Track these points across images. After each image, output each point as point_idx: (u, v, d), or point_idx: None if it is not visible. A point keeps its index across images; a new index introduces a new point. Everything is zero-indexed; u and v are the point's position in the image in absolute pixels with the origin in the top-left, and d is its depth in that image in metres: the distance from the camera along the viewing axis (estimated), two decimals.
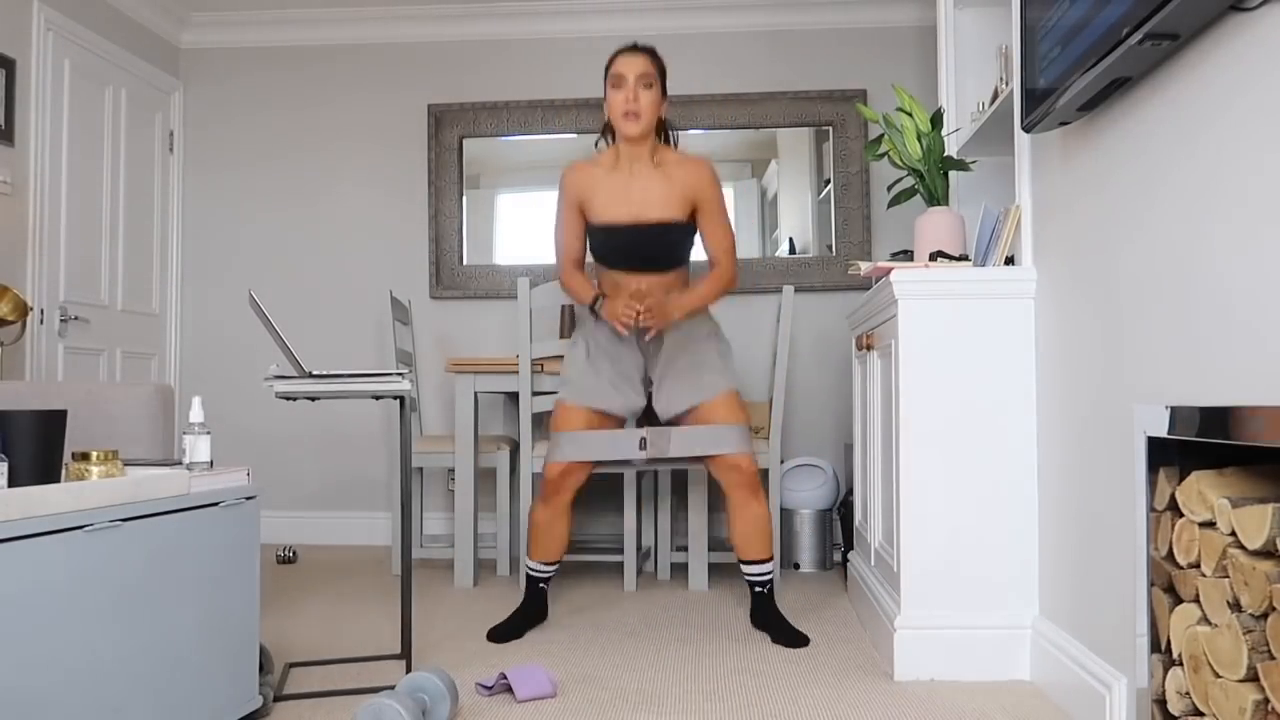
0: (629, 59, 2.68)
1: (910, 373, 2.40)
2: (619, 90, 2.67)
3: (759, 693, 2.26)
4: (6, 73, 3.58)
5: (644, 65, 2.68)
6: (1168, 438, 1.42)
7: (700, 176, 2.75)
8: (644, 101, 2.66)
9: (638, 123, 2.67)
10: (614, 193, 2.74)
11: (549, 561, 2.88)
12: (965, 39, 3.03)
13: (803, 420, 4.38)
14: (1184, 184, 1.63)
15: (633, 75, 2.66)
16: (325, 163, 4.61)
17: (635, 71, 2.66)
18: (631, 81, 2.66)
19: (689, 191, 2.75)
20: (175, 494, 1.76)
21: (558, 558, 2.89)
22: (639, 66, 2.67)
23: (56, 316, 3.81)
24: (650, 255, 2.76)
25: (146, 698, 1.65)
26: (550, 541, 2.85)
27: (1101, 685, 1.89)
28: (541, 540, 2.85)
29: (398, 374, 2.25)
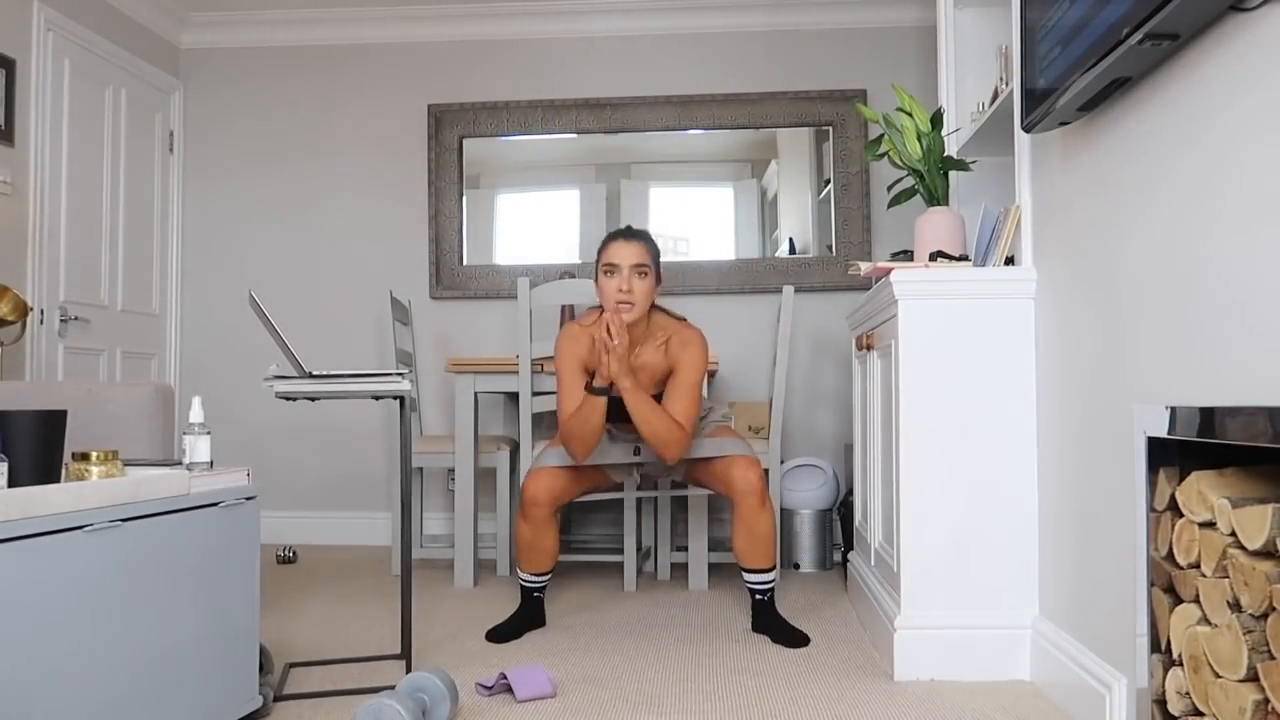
0: (624, 247, 2.65)
1: (910, 373, 2.40)
2: (611, 278, 2.64)
3: (759, 693, 2.26)
4: (6, 73, 3.58)
5: (639, 254, 2.64)
6: (1168, 438, 1.42)
7: (690, 355, 2.70)
8: (638, 291, 2.63)
9: (631, 311, 2.64)
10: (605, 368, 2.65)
11: (540, 572, 2.88)
12: (965, 39, 3.03)
13: (803, 420, 4.38)
14: (1184, 184, 1.63)
15: (628, 265, 2.63)
16: (325, 163, 4.61)
17: (630, 261, 2.63)
18: (626, 270, 2.63)
19: (672, 358, 2.73)
20: (175, 494, 1.76)
21: (548, 568, 2.88)
22: (633, 256, 2.63)
23: (56, 316, 3.81)
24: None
25: (146, 698, 1.65)
26: (538, 555, 2.84)
27: (1101, 685, 1.89)
28: (529, 554, 2.85)
29: (398, 374, 2.25)
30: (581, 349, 2.73)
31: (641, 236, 2.69)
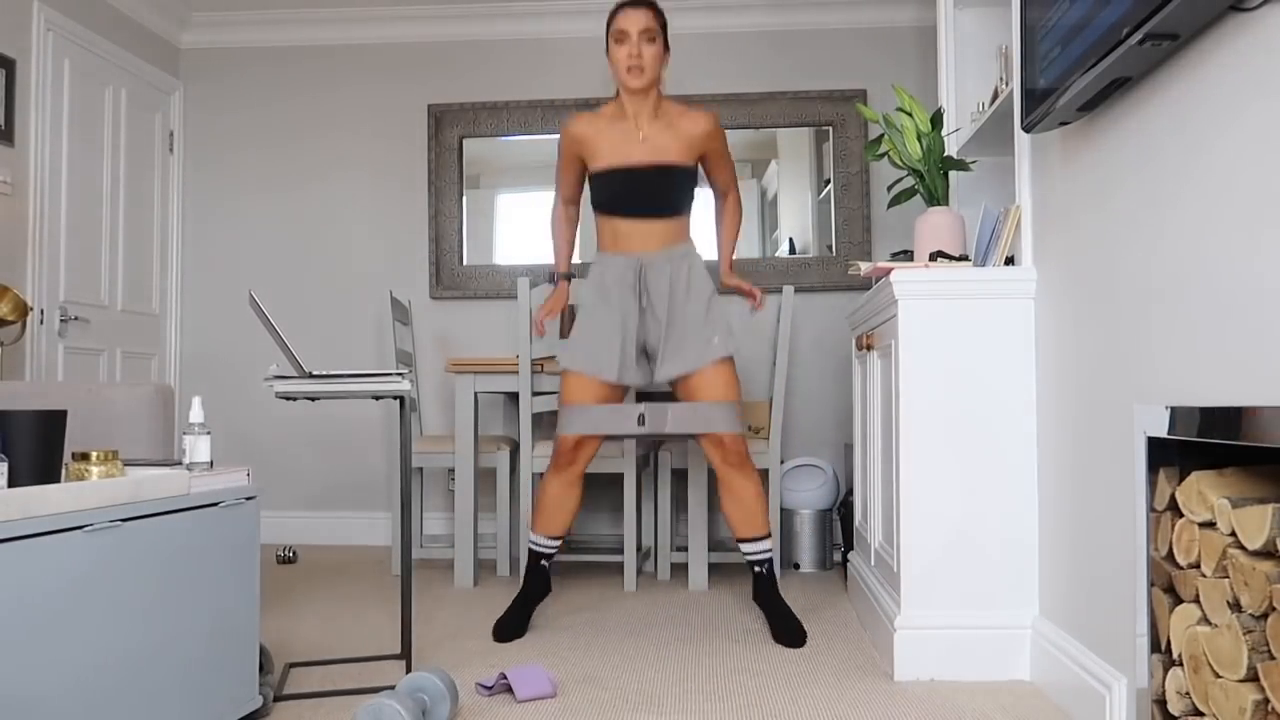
0: (631, 14, 2.72)
1: (910, 373, 2.40)
2: (622, 45, 2.71)
3: (759, 693, 2.26)
4: (6, 73, 3.58)
5: (646, 20, 2.72)
6: (1168, 438, 1.42)
7: (706, 127, 2.82)
8: (647, 56, 2.71)
9: (641, 76, 2.71)
10: (616, 140, 2.77)
11: (554, 535, 2.85)
12: (965, 39, 3.03)
13: (803, 420, 4.38)
14: (1184, 184, 1.63)
15: (635, 30, 2.70)
16: (325, 163, 4.61)
17: (638, 26, 2.71)
18: (635, 36, 2.70)
19: (695, 142, 2.81)
20: (175, 494, 1.76)
21: (563, 531, 2.85)
22: (642, 21, 2.71)
23: (56, 316, 3.81)
24: (652, 199, 2.77)
25: (146, 698, 1.65)
26: (559, 513, 2.82)
27: (1101, 685, 1.89)
28: (549, 512, 2.82)
29: (398, 374, 2.25)
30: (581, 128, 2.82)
31: (648, 3, 2.75)
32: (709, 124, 2.82)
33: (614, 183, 2.77)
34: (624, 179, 2.74)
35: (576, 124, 2.83)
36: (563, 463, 2.80)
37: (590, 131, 2.80)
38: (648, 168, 2.74)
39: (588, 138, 2.80)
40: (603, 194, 2.80)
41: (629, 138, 2.76)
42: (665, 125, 2.78)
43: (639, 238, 2.79)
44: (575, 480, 2.82)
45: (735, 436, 2.76)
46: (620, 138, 2.77)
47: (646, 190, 2.76)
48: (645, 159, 2.75)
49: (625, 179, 2.74)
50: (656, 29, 2.73)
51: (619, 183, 2.76)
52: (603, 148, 2.77)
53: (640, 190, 2.75)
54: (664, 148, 2.76)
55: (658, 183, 2.76)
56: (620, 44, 2.71)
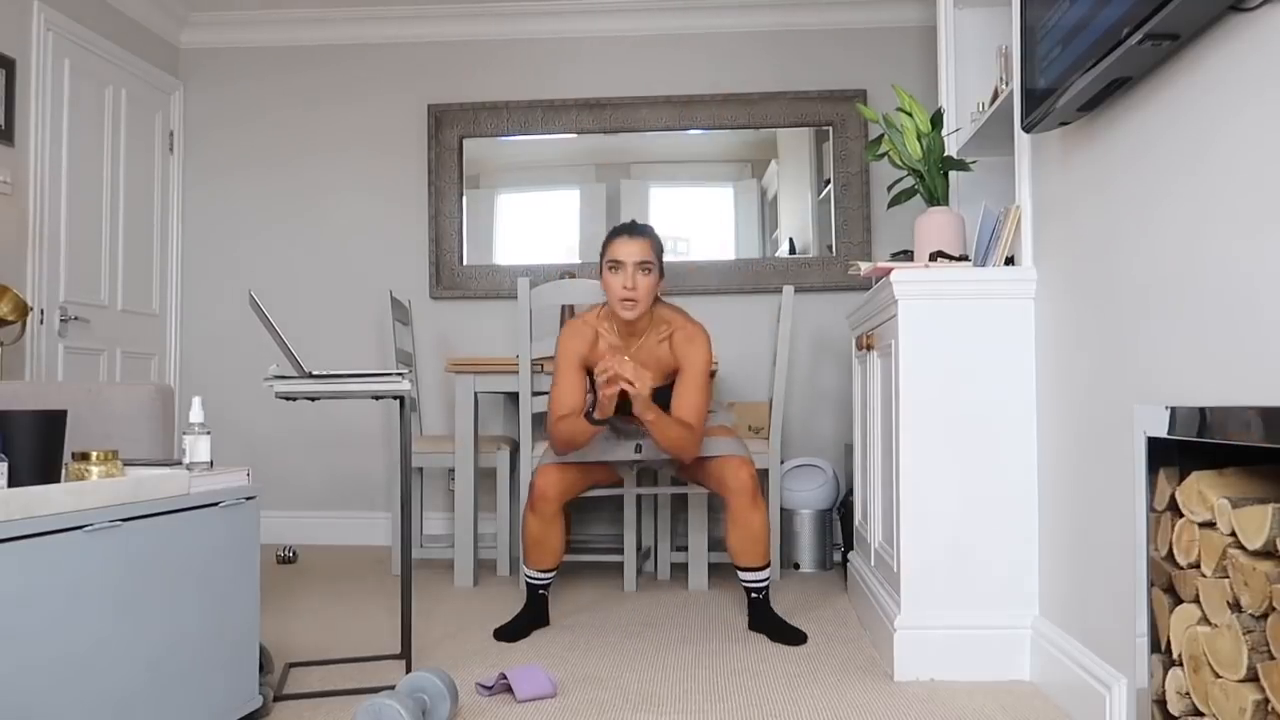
0: (627, 244, 2.67)
1: (910, 373, 2.40)
2: (616, 275, 2.67)
3: (759, 693, 2.26)
4: (6, 73, 3.58)
5: (642, 251, 2.67)
6: (1168, 438, 1.42)
7: (695, 351, 2.75)
8: (641, 288, 2.67)
9: (635, 309, 2.69)
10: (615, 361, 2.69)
11: (546, 569, 2.89)
12: (965, 39, 3.03)
13: (803, 420, 4.38)
14: (1184, 184, 1.63)
15: (631, 262, 2.66)
16: (325, 163, 4.61)
17: (634, 259, 2.66)
18: (630, 268, 2.66)
19: (679, 359, 2.77)
20: (175, 494, 1.76)
21: (555, 564, 2.89)
22: (637, 253, 2.66)
23: (56, 316, 3.81)
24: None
25: (146, 698, 1.65)
26: (545, 551, 2.85)
27: (1101, 685, 1.89)
28: (535, 549, 2.85)
29: (398, 374, 2.25)
30: (583, 345, 2.79)
31: (645, 232, 2.72)
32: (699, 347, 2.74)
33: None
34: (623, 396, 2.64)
35: (575, 341, 2.79)
36: (536, 499, 2.79)
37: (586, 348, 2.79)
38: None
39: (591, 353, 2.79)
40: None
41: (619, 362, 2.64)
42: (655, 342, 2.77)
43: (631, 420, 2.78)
44: (554, 517, 2.83)
45: (749, 464, 2.78)
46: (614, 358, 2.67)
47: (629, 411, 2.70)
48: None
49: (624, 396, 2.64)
50: (653, 259, 2.68)
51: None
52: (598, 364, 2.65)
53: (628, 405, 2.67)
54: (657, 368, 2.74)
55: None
56: (614, 273, 2.67)
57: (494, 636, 2.75)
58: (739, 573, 2.85)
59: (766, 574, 2.84)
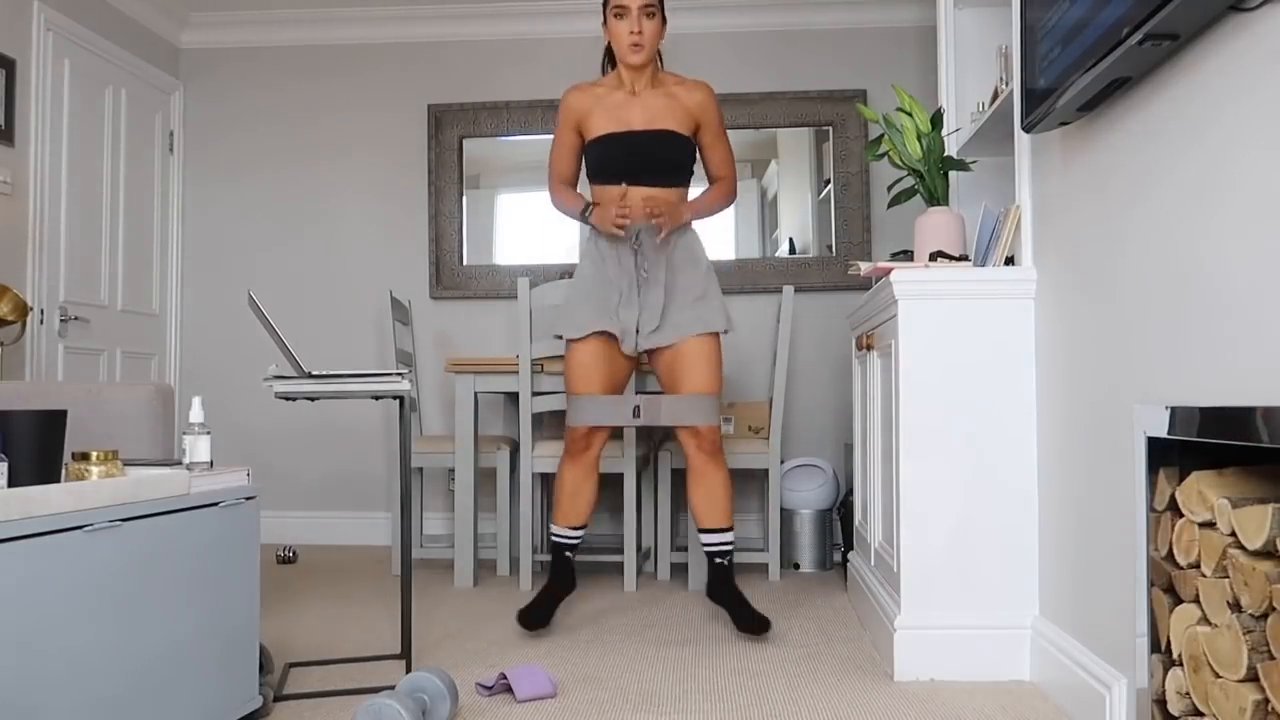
0: None
1: (910, 373, 2.40)
2: (622, 20, 2.71)
3: (759, 693, 2.26)
4: (6, 73, 3.58)
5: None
6: (1168, 438, 1.42)
7: (702, 96, 2.82)
8: (648, 31, 2.71)
9: (642, 52, 2.72)
10: (614, 108, 2.78)
11: (576, 526, 2.86)
12: (965, 39, 3.03)
13: (803, 420, 4.38)
14: (1184, 184, 1.63)
15: (636, 5, 2.70)
16: (325, 163, 4.62)
17: (638, 2, 2.70)
18: (635, 11, 2.70)
19: (691, 109, 2.80)
20: (175, 494, 1.76)
21: (584, 521, 2.87)
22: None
23: (56, 316, 3.81)
24: (649, 164, 2.76)
25: (146, 698, 1.65)
26: (579, 503, 2.84)
27: (1101, 685, 1.89)
28: (569, 502, 2.83)
29: (397, 374, 2.25)
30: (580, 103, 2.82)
31: None
32: (703, 92, 2.82)
33: (611, 148, 2.76)
34: (621, 144, 2.74)
35: (575, 94, 2.84)
36: (576, 450, 2.80)
37: (589, 100, 2.81)
38: (645, 133, 2.75)
39: (586, 107, 2.81)
40: (600, 162, 2.79)
41: (627, 104, 2.77)
42: (664, 93, 2.79)
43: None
44: (591, 467, 2.83)
45: (711, 428, 2.77)
46: (618, 107, 2.77)
47: (644, 155, 2.75)
48: (643, 125, 2.76)
49: (622, 144, 2.74)
50: (656, 3, 2.73)
51: (616, 148, 2.75)
52: (600, 116, 2.77)
53: (637, 155, 2.75)
54: (661, 115, 2.76)
55: (655, 148, 2.75)
56: (620, 19, 2.71)
57: (518, 622, 2.72)
58: (701, 535, 2.83)
59: (730, 537, 2.81)
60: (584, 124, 2.82)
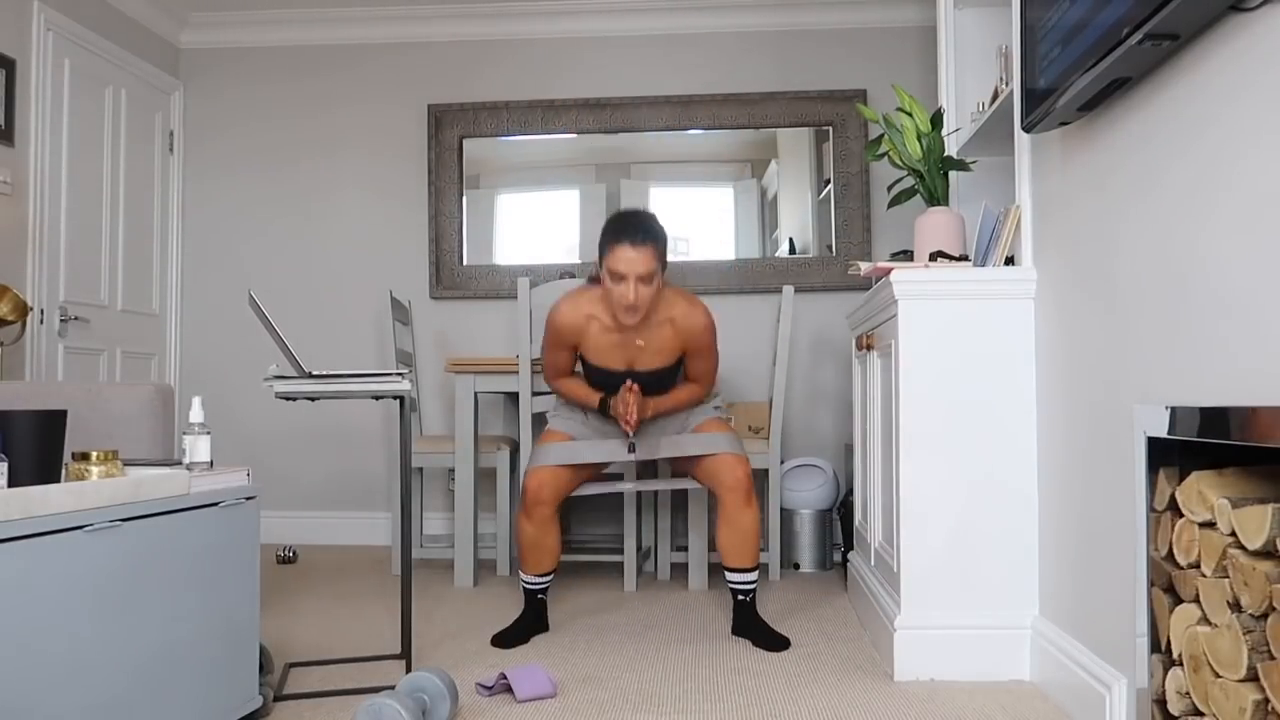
0: (631, 256, 2.55)
1: (910, 373, 2.40)
2: (619, 284, 2.58)
3: (759, 693, 2.26)
4: (6, 73, 3.58)
5: (646, 263, 2.56)
6: (1168, 438, 1.42)
7: (696, 328, 2.74)
8: (644, 298, 2.60)
9: (637, 316, 2.64)
10: (610, 347, 2.75)
11: (543, 573, 2.86)
12: (965, 39, 3.03)
13: (803, 420, 4.38)
14: (1184, 184, 1.63)
15: (633, 275, 2.56)
16: (325, 163, 4.61)
17: (636, 271, 2.56)
18: (633, 281, 2.57)
19: (684, 339, 2.76)
20: (175, 494, 1.76)
21: (552, 568, 2.86)
22: (641, 264, 2.55)
23: (56, 316, 3.81)
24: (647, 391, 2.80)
25: (146, 698, 1.65)
26: (540, 554, 2.83)
27: (1101, 685, 1.89)
28: (531, 554, 2.83)
29: (398, 374, 2.25)
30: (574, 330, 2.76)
31: (648, 238, 2.58)
32: (699, 323, 2.73)
33: (608, 378, 2.79)
34: (617, 377, 2.76)
35: (565, 318, 2.75)
36: (529, 503, 2.78)
37: (581, 329, 2.75)
38: (641, 372, 2.76)
39: (578, 330, 2.76)
40: (599, 381, 2.82)
41: (623, 347, 2.74)
42: (665, 324, 2.72)
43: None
44: (548, 520, 2.81)
45: (744, 461, 2.77)
46: (613, 346, 2.74)
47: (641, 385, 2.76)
48: (638, 365, 2.76)
49: (618, 377, 2.76)
50: (656, 269, 2.59)
51: (613, 379, 2.78)
52: (594, 348, 2.76)
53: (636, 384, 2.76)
54: (657, 353, 2.74)
55: (649, 381, 2.78)
56: (617, 283, 2.58)
57: (492, 643, 2.71)
58: (726, 573, 2.81)
59: (754, 576, 2.80)
60: (579, 344, 2.79)
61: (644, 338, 2.72)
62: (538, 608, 2.87)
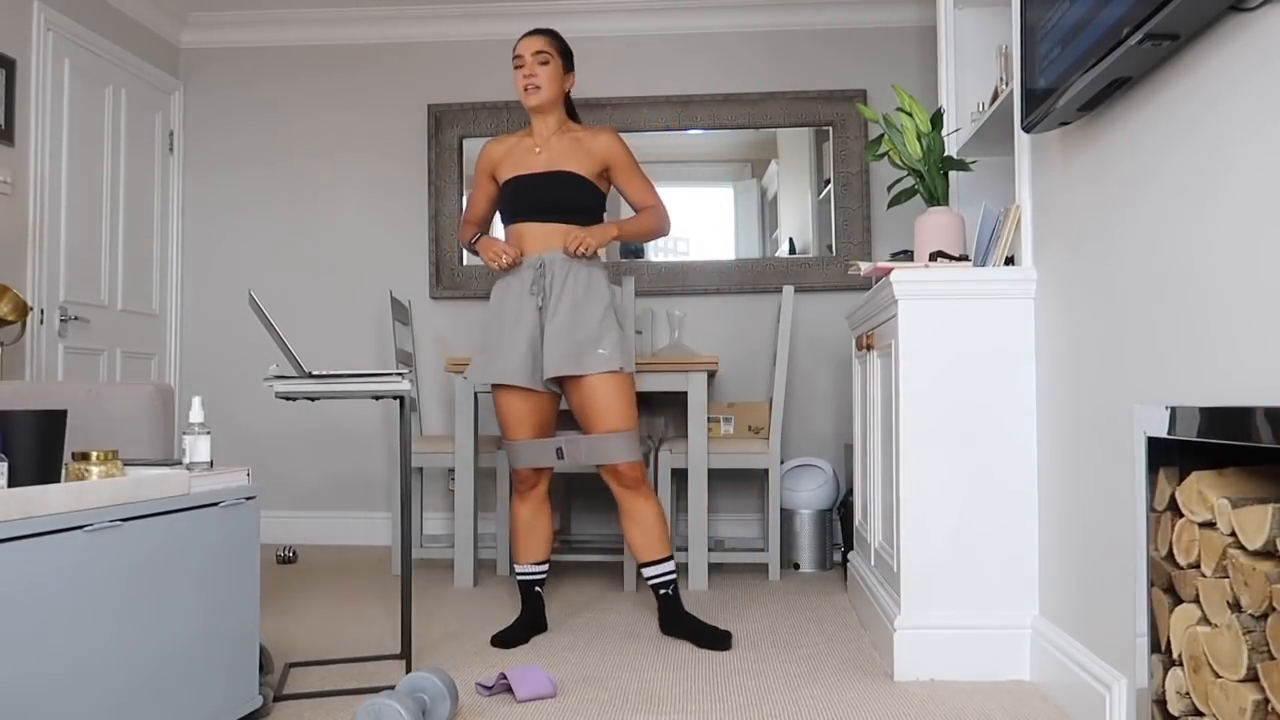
0: (526, 40, 2.88)
1: (910, 373, 2.40)
2: (519, 70, 2.87)
3: (759, 693, 2.26)
4: (6, 73, 3.58)
5: (540, 43, 2.87)
6: (1168, 438, 1.42)
7: (606, 139, 2.92)
8: (541, 75, 2.85)
9: (537, 94, 2.85)
10: (524, 154, 2.92)
11: (537, 561, 2.90)
12: (965, 39, 3.03)
13: (803, 420, 4.38)
14: (1184, 184, 1.63)
15: (529, 53, 2.86)
16: (325, 163, 4.61)
17: (531, 49, 2.86)
18: (529, 59, 2.85)
19: (596, 152, 2.90)
20: (175, 494, 1.76)
21: (545, 556, 2.90)
22: (534, 45, 2.86)
23: (56, 316, 3.81)
24: (557, 202, 2.85)
25: (146, 698, 1.65)
26: (534, 539, 2.89)
27: (1101, 685, 1.89)
28: (525, 539, 2.89)
29: (398, 374, 2.25)
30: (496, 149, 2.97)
31: (544, 31, 2.91)
32: (607, 135, 2.93)
33: (516, 190, 2.88)
34: (524, 185, 2.86)
35: (491, 144, 3.00)
36: (524, 489, 2.90)
37: (502, 149, 2.96)
38: (544, 174, 2.86)
39: (499, 155, 2.96)
40: (511, 200, 2.90)
41: (535, 151, 2.91)
42: (570, 139, 2.92)
43: (540, 239, 2.84)
44: (541, 503, 2.91)
45: (631, 465, 2.78)
46: (527, 152, 2.91)
47: (544, 194, 2.85)
48: (543, 168, 2.87)
49: (525, 185, 2.86)
50: (552, 51, 2.87)
51: (520, 189, 2.87)
52: (510, 161, 2.92)
53: (546, 192, 2.85)
54: (562, 158, 2.88)
55: (554, 187, 2.85)
56: (518, 69, 2.88)
57: (492, 643, 2.71)
58: (642, 570, 2.83)
59: (670, 566, 2.80)
60: (497, 170, 2.95)
61: (543, 146, 2.89)
62: (535, 604, 2.87)
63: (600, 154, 2.89)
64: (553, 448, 2.84)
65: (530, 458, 2.85)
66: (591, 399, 2.77)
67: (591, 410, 2.77)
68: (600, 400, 2.76)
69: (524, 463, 2.85)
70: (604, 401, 2.76)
